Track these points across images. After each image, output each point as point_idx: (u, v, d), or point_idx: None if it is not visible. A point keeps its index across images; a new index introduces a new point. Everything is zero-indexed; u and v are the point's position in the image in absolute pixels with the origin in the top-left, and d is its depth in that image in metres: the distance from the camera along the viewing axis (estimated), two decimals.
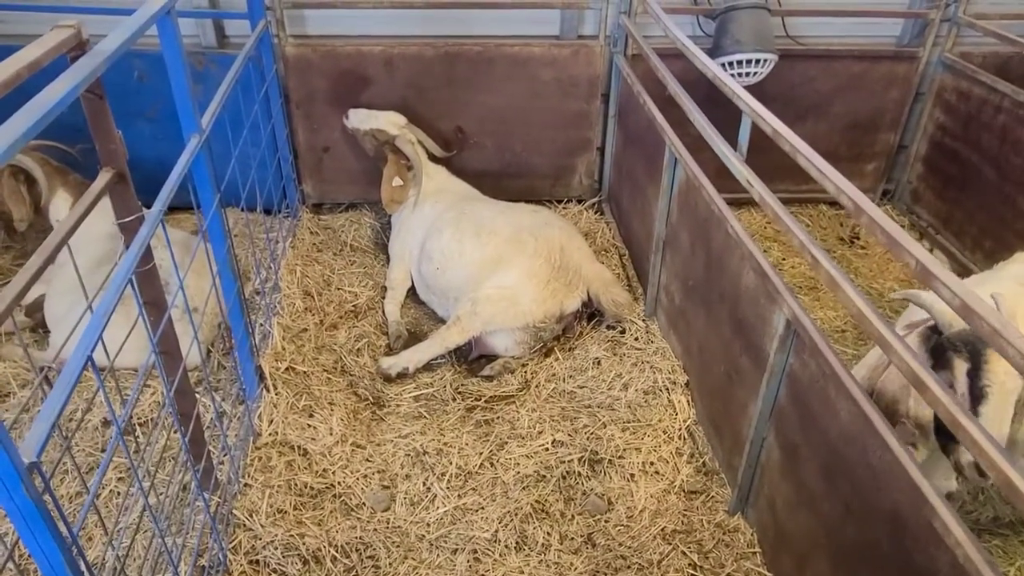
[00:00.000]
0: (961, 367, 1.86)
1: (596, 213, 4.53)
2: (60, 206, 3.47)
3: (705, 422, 2.92)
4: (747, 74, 3.81)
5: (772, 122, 2.14)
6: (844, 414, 1.82)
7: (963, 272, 4.06)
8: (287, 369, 3.23)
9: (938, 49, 4.23)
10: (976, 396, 1.83)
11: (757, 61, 3.76)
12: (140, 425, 3.05)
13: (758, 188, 2.22)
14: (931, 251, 4.31)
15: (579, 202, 4.57)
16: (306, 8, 4.04)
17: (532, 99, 4.18)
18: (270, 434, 2.97)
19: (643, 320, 3.54)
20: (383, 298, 3.88)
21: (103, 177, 1.90)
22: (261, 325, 3.35)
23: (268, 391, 3.11)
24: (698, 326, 2.91)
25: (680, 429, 2.97)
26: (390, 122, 3.97)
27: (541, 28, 4.22)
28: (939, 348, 1.92)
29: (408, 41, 4.06)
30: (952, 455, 1.87)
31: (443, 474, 2.90)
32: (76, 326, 1.81)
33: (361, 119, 3.99)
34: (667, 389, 3.12)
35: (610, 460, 2.90)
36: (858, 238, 4.55)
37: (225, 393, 3.17)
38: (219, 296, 2.71)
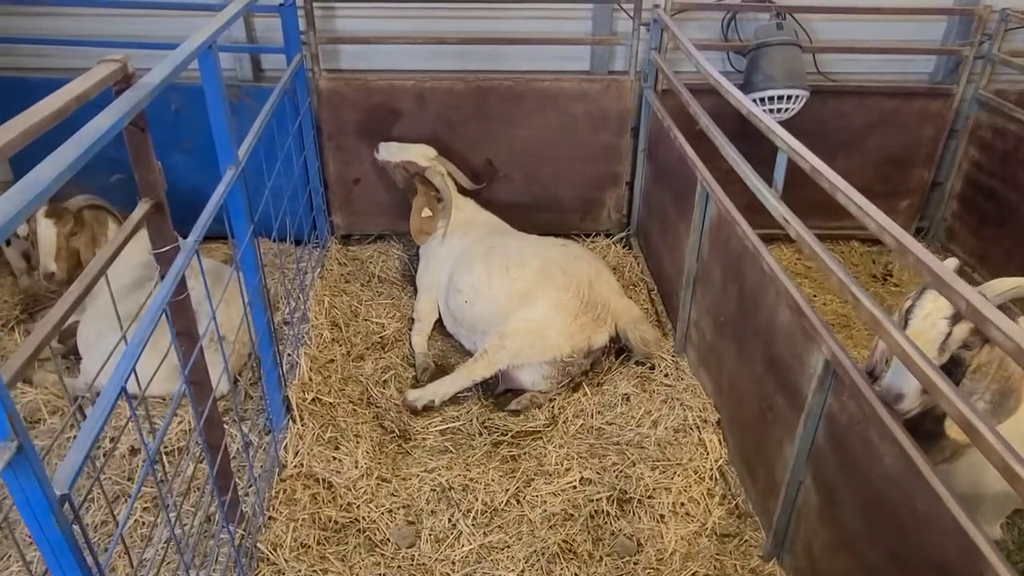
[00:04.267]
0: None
1: (624, 247, 4.50)
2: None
3: (737, 462, 2.85)
4: (778, 110, 3.79)
5: (810, 158, 2.11)
6: (887, 457, 1.76)
7: None
8: (313, 400, 3.23)
9: (972, 86, 4.19)
10: None
11: (789, 97, 3.74)
12: (167, 454, 3.05)
13: (795, 226, 2.19)
14: None
15: (607, 236, 4.55)
16: (341, 43, 4.11)
17: (562, 133, 4.20)
18: (295, 466, 2.95)
19: (672, 356, 3.48)
20: (410, 330, 3.88)
21: (141, 207, 1.92)
22: (289, 355, 3.35)
23: (294, 422, 3.10)
24: (730, 363, 2.86)
25: (712, 469, 2.90)
26: (421, 154, 4.01)
27: (572, 64, 4.26)
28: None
29: (440, 75, 4.11)
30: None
31: (469, 510, 2.85)
32: (110, 355, 1.82)
33: (392, 152, 4.03)
34: (698, 427, 3.06)
35: (639, 500, 2.84)
36: (891, 275, 4.47)
37: (252, 423, 3.16)
38: (249, 327, 2.72)
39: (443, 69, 4.19)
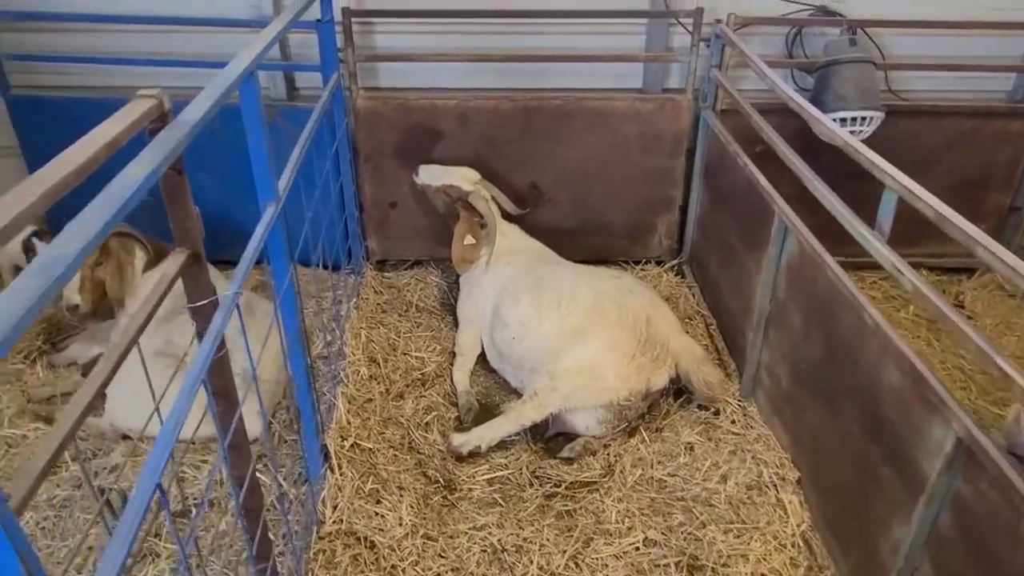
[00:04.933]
0: None
1: (676, 276, 4.24)
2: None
3: (824, 529, 2.57)
4: (850, 133, 3.51)
5: (931, 201, 1.85)
6: None
7: None
8: (352, 446, 3.00)
9: None
10: None
11: (862, 119, 3.47)
12: (196, 506, 2.83)
13: (911, 277, 1.92)
14: None
15: (658, 263, 4.29)
16: (380, 61, 3.90)
17: (612, 154, 3.95)
18: (334, 522, 2.72)
19: (739, 401, 3.22)
20: (451, 364, 3.64)
21: (177, 258, 1.70)
22: (324, 395, 3.13)
23: (332, 471, 2.87)
24: (814, 418, 2.59)
25: (793, 535, 2.62)
26: (463, 178, 3.77)
27: (623, 81, 4.01)
28: None
29: (484, 94, 3.88)
30: None
31: (524, 575, 2.60)
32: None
33: (433, 175, 3.80)
34: (775, 486, 2.78)
35: (713, 568, 2.57)
36: (963, 306, 4.17)
37: (287, 472, 2.94)
38: (288, 371, 2.50)
39: (487, 87, 3.96)
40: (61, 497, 2.80)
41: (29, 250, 3.39)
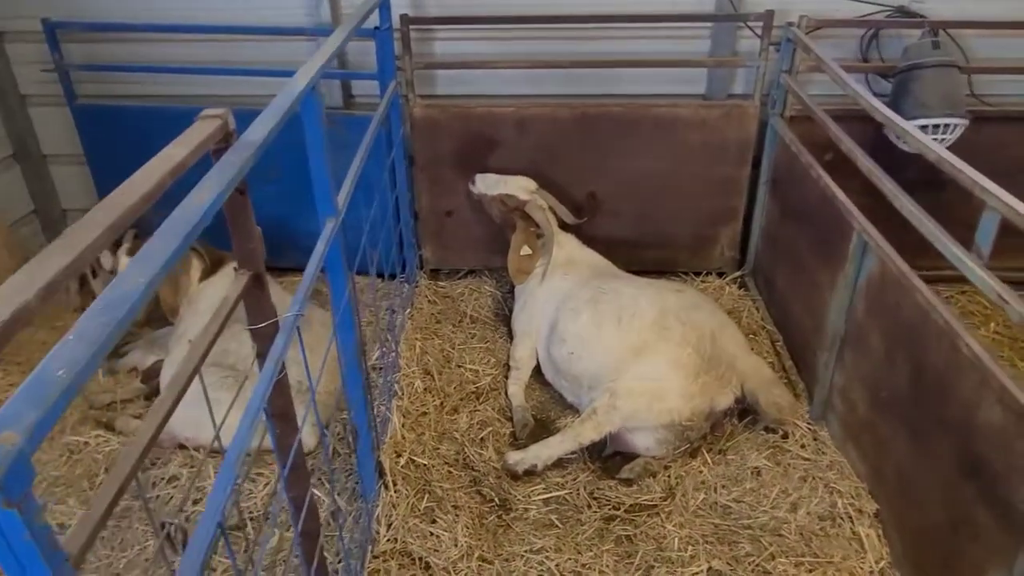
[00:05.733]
0: None
1: (739, 288, 4.08)
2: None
3: (906, 568, 2.40)
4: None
5: None
6: None
7: None
8: (407, 463, 2.94)
9: None
10: None
11: (945, 127, 3.27)
12: (252, 519, 2.82)
13: (1016, 306, 1.77)
14: None
15: (720, 275, 4.14)
16: (438, 68, 3.84)
17: (675, 163, 3.81)
18: (388, 540, 2.67)
19: (809, 425, 3.06)
20: (506, 377, 3.56)
21: (240, 281, 1.66)
22: (379, 408, 3.08)
23: (387, 488, 2.82)
24: (897, 448, 2.43)
25: (871, 573, 2.46)
26: (520, 187, 3.69)
27: (686, 87, 3.88)
28: None
29: (542, 101, 3.80)
30: None
31: None
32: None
33: (489, 184, 3.73)
34: (850, 518, 2.63)
35: None
36: None
37: (340, 487, 2.90)
38: (345, 391, 2.45)
39: (546, 94, 3.87)
40: (121, 507, 2.81)
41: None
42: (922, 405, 2.25)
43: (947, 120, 3.24)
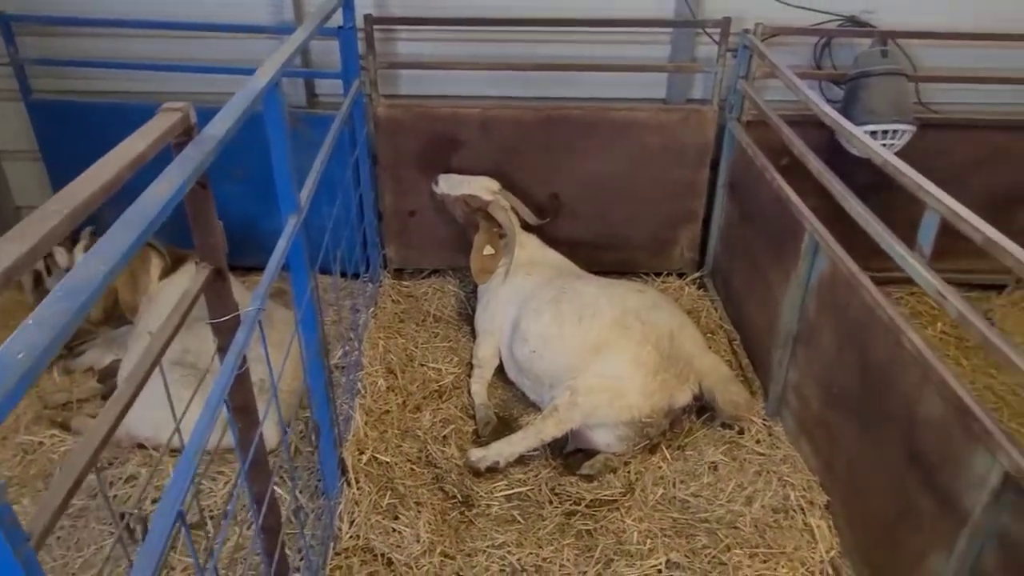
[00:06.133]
0: None
1: (698, 289, 4.17)
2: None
3: (855, 557, 2.49)
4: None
5: (978, 224, 1.78)
6: None
7: None
8: (370, 460, 2.95)
9: None
10: None
11: (893, 133, 3.39)
12: (212, 518, 2.80)
13: (954, 302, 1.86)
14: None
15: (679, 276, 4.22)
16: (402, 68, 3.86)
17: (635, 166, 3.88)
18: (351, 537, 2.67)
19: (764, 421, 3.14)
20: (469, 376, 3.59)
21: (200, 274, 1.66)
22: (342, 407, 3.08)
23: (349, 485, 2.82)
24: (846, 442, 2.51)
25: (822, 562, 2.55)
26: (484, 187, 3.73)
27: (647, 91, 3.96)
28: None
29: (506, 103, 3.84)
30: None
31: None
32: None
33: (453, 184, 3.76)
34: (802, 509, 2.71)
35: None
36: (992, 323, 4.06)
37: (303, 485, 2.89)
38: (308, 388, 2.45)
39: (510, 96, 3.91)
40: (77, 507, 2.76)
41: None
42: (869, 400, 2.34)
43: (895, 126, 3.37)
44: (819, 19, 3.74)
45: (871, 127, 3.38)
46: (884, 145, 3.42)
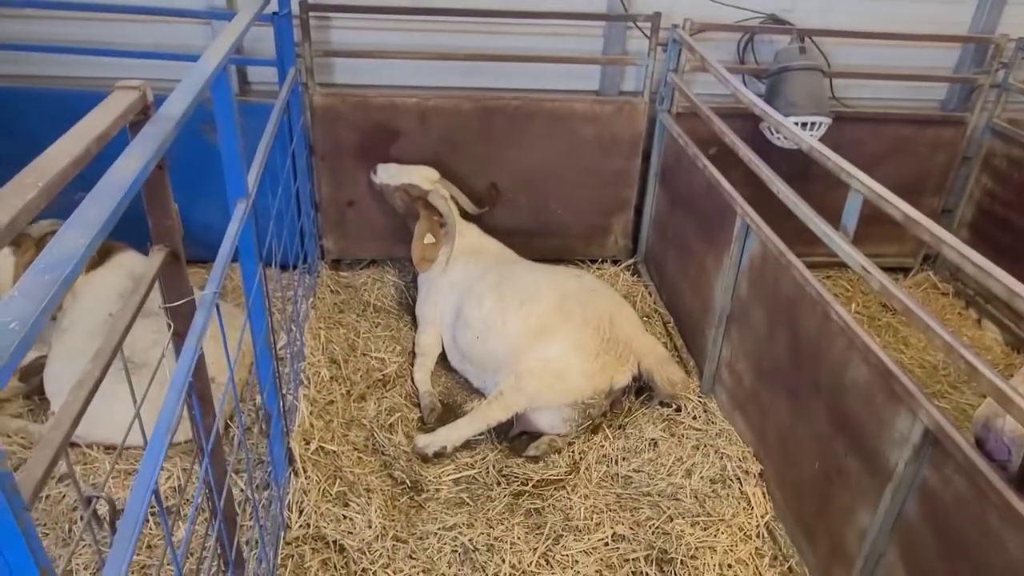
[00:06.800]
0: None
1: (633, 275, 4.31)
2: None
3: (788, 520, 2.66)
4: None
5: (898, 203, 1.94)
6: (1015, 547, 1.58)
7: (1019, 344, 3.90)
8: (316, 449, 2.94)
9: (986, 114, 4.12)
10: None
11: (812, 124, 3.60)
12: (153, 515, 2.72)
13: (877, 275, 2.01)
14: (979, 321, 4.16)
15: (614, 263, 4.35)
16: (338, 57, 3.83)
17: (570, 156, 3.98)
18: (301, 526, 2.66)
19: (700, 398, 3.29)
20: (412, 365, 3.61)
21: (156, 256, 1.63)
22: (287, 397, 3.05)
23: (297, 475, 2.80)
24: (778, 413, 2.67)
25: (758, 526, 2.71)
26: (423, 177, 3.75)
27: (581, 83, 4.06)
28: None
29: (444, 93, 3.86)
30: None
31: (496, 574, 2.60)
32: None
33: (391, 174, 3.76)
34: (738, 479, 2.86)
35: (682, 561, 2.62)
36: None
37: (248, 477, 2.85)
38: (257, 376, 2.43)
39: (447, 86, 3.94)
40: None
41: None
42: (799, 371, 2.50)
43: (813, 118, 3.58)
44: (743, 16, 3.93)
45: (792, 119, 3.57)
46: None
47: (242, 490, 2.59)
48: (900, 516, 1.97)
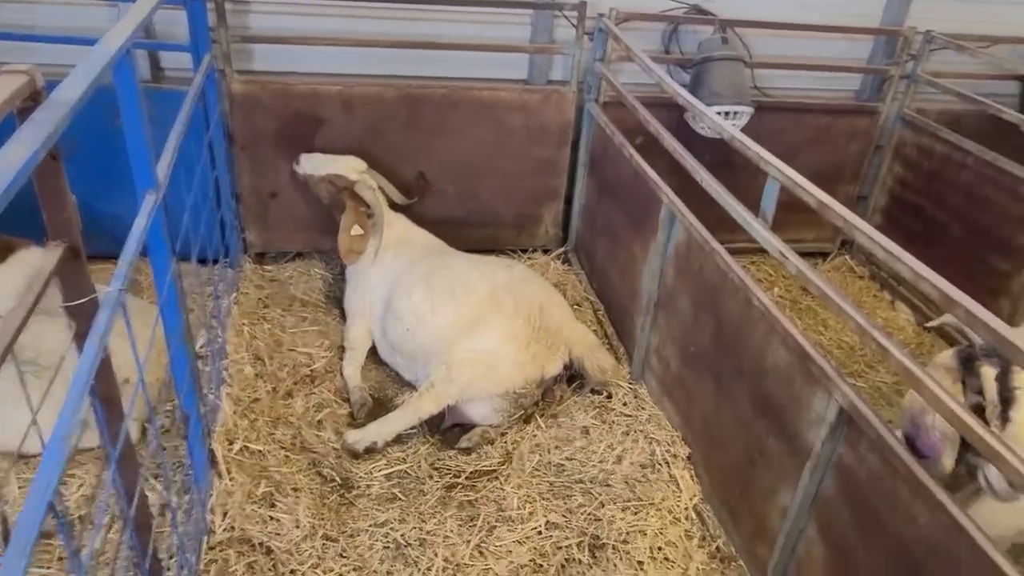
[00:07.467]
0: (990, 373, 1.81)
1: (563, 264, 4.33)
2: None
3: (715, 501, 2.72)
4: None
5: (813, 191, 1.99)
6: (924, 521, 1.65)
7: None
8: (240, 450, 2.84)
9: (896, 104, 4.30)
10: (1006, 400, 1.78)
11: (735, 114, 3.68)
12: (71, 523, 2.58)
13: (794, 260, 2.07)
14: (892, 303, 4.35)
15: (545, 252, 4.36)
16: (257, 42, 3.69)
17: (499, 145, 3.96)
18: (225, 530, 2.57)
19: (630, 384, 3.33)
20: (341, 359, 3.53)
21: (53, 253, 1.53)
22: (207, 397, 2.94)
23: (220, 477, 2.71)
24: (704, 398, 2.73)
25: (687, 508, 2.76)
26: (349, 167, 3.65)
27: (508, 71, 4.03)
28: (969, 359, 1.89)
29: (368, 81, 3.78)
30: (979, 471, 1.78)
31: (429, 569, 2.58)
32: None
33: (316, 164, 3.66)
34: (667, 463, 2.91)
35: (614, 545, 2.65)
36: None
37: (168, 480, 2.73)
38: (173, 377, 2.32)
39: (371, 74, 3.85)
40: None
41: None
42: (723, 356, 2.55)
43: (735, 107, 3.65)
44: (667, 6, 3.98)
45: (715, 108, 3.64)
46: None
47: (161, 495, 2.49)
48: (818, 493, 2.04)
